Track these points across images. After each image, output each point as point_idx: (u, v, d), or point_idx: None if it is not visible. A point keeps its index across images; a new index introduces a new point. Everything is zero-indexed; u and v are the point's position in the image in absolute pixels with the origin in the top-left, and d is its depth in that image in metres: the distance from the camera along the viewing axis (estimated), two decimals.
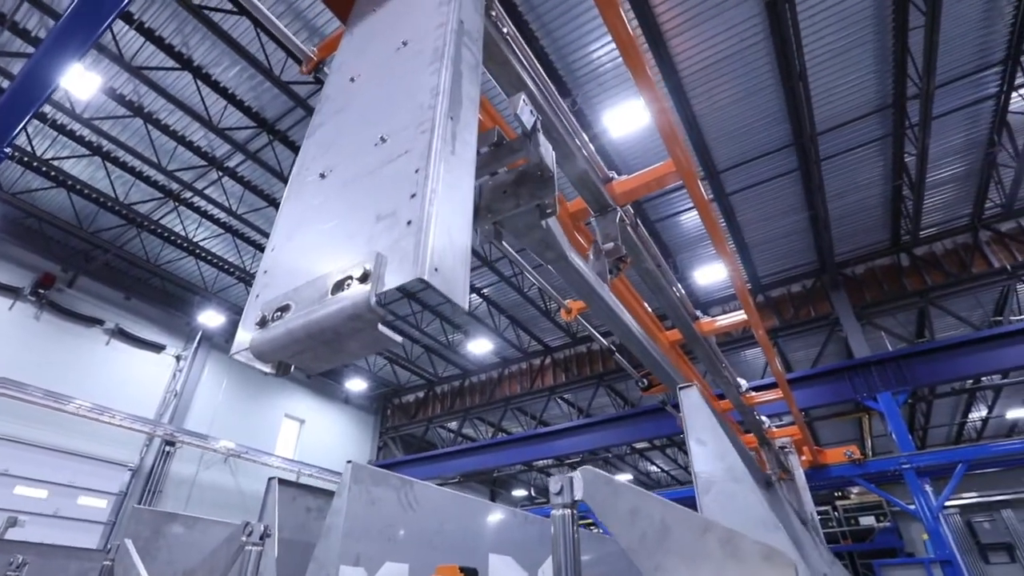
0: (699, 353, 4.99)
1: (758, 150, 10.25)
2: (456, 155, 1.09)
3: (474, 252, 12.79)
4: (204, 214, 12.48)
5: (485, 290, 14.51)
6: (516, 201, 1.75)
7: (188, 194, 11.91)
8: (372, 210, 1.04)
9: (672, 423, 13.49)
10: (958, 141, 10.21)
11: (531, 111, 1.72)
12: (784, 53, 8.43)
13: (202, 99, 9.73)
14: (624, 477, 24.77)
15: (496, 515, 2.89)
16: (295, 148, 10.76)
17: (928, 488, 8.91)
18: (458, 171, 1.08)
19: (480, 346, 16.50)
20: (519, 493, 26.37)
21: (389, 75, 1.33)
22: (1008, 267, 11.37)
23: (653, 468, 23.94)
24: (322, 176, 1.25)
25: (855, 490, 16.44)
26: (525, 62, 2.13)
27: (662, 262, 3.78)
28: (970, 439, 19.37)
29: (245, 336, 1.08)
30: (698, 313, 4.96)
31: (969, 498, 16.74)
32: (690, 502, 1.77)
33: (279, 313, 1.01)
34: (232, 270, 14.06)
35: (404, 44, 1.36)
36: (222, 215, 12.46)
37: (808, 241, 12.30)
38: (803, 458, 8.36)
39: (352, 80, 1.45)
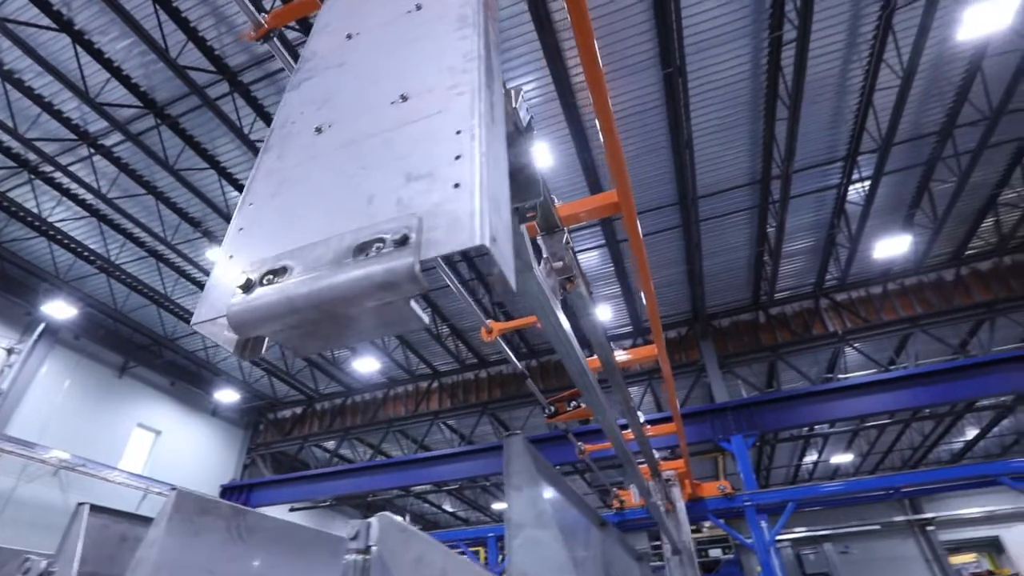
0: (613, 383, 5.11)
1: (648, 204, 11.18)
2: (496, 124, 1.02)
3: None
4: (66, 192, 11.13)
5: None
6: None
7: (48, 168, 10.59)
8: (397, 169, 0.94)
9: (560, 453, 13.91)
10: (808, 219, 11.85)
11: (527, 107, 1.64)
12: (676, 121, 9.37)
13: (80, 67, 8.81)
14: (501, 506, 24.89)
15: (339, 546, 2.83)
16: (186, 137, 10.02)
17: (764, 524, 9.93)
18: (498, 142, 1.00)
19: (366, 364, 16.02)
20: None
21: (402, 36, 1.27)
22: (839, 332, 13.27)
23: None
24: (319, 131, 1.15)
25: (707, 524, 17.86)
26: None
27: (591, 289, 3.89)
28: (803, 480, 21.91)
29: (218, 302, 0.90)
30: (612, 345, 5.15)
31: (799, 533, 18.88)
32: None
33: (271, 276, 0.85)
34: (93, 259, 12.58)
35: (417, 8, 1.31)
36: (88, 196, 11.19)
37: (685, 292, 13.49)
38: (685, 491, 8.89)
39: (349, 37, 1.37)
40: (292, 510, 19.32)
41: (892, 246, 12.05)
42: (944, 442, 19.48)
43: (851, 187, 10.88)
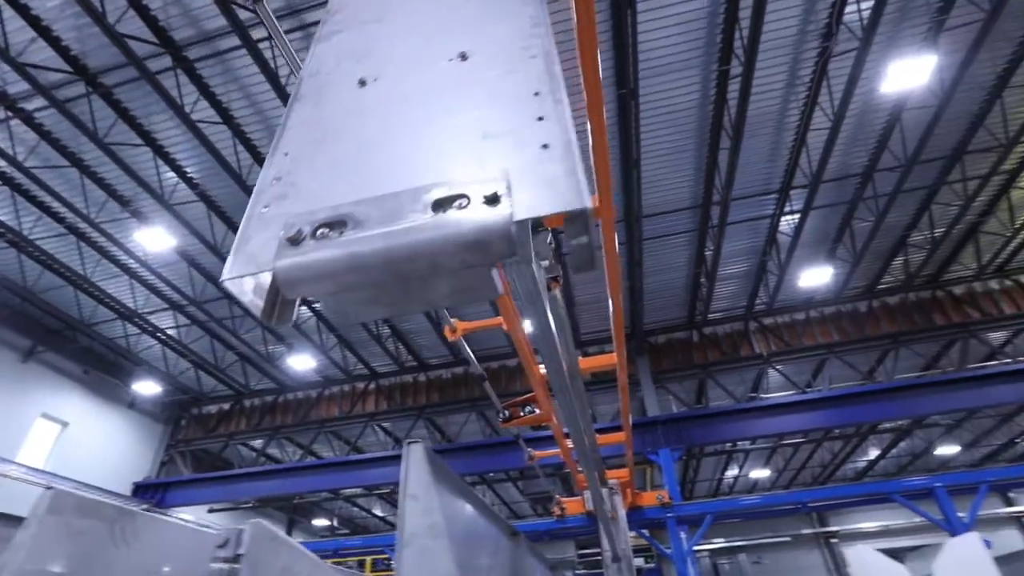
0: (575, 388, 5.09)
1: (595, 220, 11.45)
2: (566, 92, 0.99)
3: None
4: None
5: (317, 304, 13.80)
6: None
7: None
8: (468, 126, 0.90)
9: (494, 460, 13.91)
10: (743, 246, 12.51)
11: None
12: (626, 141, 9.68)
13: (1, 21, 8.12)
14: None
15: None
16: (120, 109, 9.41)
17: (683, 534, 10.33)
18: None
19: (302, 362, 15.49)
20: (321, 523, 24.70)
21: None
22: (764, 354, 14.05)
23: None
24: (363, 83, 1.10)
25: (631, 533, 18.37)
26: None
27: (562, 292, 3.87)
28: (725, 493, 22.94)
29: (256, 256, 0.80)
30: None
31: (718, 543, 19.76)
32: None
33: (326, 230, 0.77)
34: (2, 231, 11.54)
35: None
36: (2, 163, 10.27)
37: (624, 308, 13.89)
38: (626, 500, 9.02)
39: None
40: (211, 511, 18.35)
41: (815, 276, 12.91)
42: (850, 461, 20.96)
43: (783, 218, 11.58)
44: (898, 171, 10.41)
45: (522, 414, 5.16)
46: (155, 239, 11.34)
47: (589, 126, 2.76)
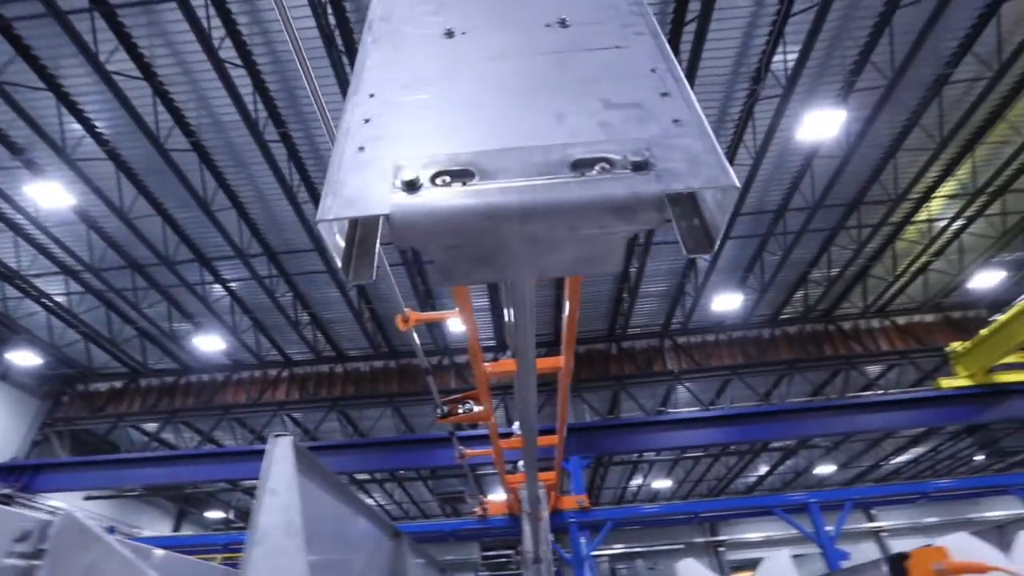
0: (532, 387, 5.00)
1: None
2: None
3: (229, 243, 11.52)
4: None
5: (233, 284, 13.04)
6: None
7: None
8: (586, 93, 0.87)
9: (406, 457, 13.68)
10: (665, 267, 13.16)
11: None
12: None
13: None
14: None
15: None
16: (21, 46, 8.45)
17: (584, 540, 10.67)
18: None
19: (210, 343, 14.55)
20: (215, 515, 23.26)
21: None
22: (675, 371, 14.84)
23: (368, 501, 23.63)
24: (450, 35, 1.08)
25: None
26: None
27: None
28: (628, 501, 23.93)
29: (360, 199, 0.74)
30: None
31: (618, 549, 20.57)
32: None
33: (447, 179, 0.73)
34: None
35: None
36: None
37: (549, 316, 14.17)
38: (549, 503, 9.05)
39: None
40: (88, 499, 16.79)
41: (727, 302, 13.82)
42: (742, 476, 22.52)
43: None
44: (806, 212, 11.37)
45: (460, 411, 5.13)
46: (50, 195, 10.28)
47: None
